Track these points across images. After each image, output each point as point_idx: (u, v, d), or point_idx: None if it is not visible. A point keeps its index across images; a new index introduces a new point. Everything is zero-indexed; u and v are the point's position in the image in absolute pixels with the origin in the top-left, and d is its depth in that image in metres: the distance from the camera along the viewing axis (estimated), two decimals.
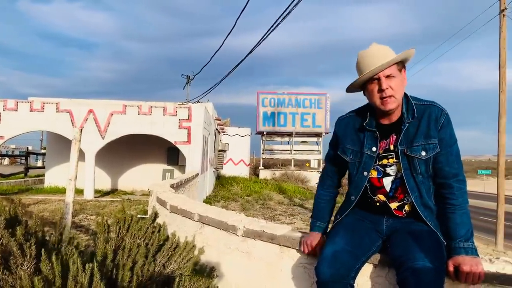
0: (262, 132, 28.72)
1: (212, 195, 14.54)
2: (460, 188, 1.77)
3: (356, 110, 2.04)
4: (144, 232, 2.59)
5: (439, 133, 1.79)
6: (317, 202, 2.16)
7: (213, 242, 2.76)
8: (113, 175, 16.05)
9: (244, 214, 2.89)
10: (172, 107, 13.23)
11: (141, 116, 13.03)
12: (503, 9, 14.04)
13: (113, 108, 13.05)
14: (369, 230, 1.90)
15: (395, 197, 1.89)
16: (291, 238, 2.25)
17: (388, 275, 1.89)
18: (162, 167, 16.38)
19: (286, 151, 29.39)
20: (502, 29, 14.04)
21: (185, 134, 13.05)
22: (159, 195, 3.85)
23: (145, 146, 15.64)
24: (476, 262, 1.62)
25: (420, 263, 1.56)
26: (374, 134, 1.91)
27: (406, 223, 1.85)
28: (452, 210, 1.75)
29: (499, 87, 13.96)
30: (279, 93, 29.24)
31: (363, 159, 1.93)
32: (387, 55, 1.78)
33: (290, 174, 25.80)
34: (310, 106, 28.74)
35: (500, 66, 14.03)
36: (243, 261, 2.51)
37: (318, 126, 28.64)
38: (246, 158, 26.67)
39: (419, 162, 1.80)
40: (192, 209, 3.04)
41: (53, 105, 13.06)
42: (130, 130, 13.04)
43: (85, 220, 8.67)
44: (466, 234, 1.69)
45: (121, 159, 15.81)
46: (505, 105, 13.78)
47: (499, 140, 13.47)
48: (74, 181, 3.48)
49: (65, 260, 2.03)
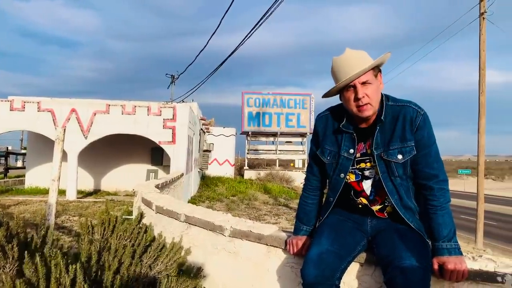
0: (247, 132, 28.72)
1: (197, 196, 14.46)
2: (441, 189, 1.77)
3: (334, 108, 2.00)
4: (130, 233, 2.56)
5: (415, 135, 1.77)
6: (303, 205, 2.13)
7: (200, 243, 2.75)
8: (96, 175, 15.83)
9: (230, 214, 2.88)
10: (157, 107, 13.11)
11: (125, 116, 12.89)
12: (483, 12, 14.33)
13: (96, 107, 12.87)
14: (353, 230, 1.90)
15: (376, 201, 1.89)
16: (278, 238, 2.26)
17: (374, 273, 1.91)
18: (146, 167, 16.23)
19: (271, 151, 29.46)
20: (482, 31, 14.34)
21: (170, 134, 12.95)
22: (144, 195, 3.82)
23: (128, 146, 15.46)
24: (460, 260, 1.65)
25: (407, 262, 1.58)
26: (351, 136, 1.90)
27: (390, 223, 1.86)
28: (434, 211, 1.75)
29: (479, 89, 14.25)
30: (264, 93, 29.29)
31: (339, 161, 1.91)
32: (362, 61, 1.75)
33: (275, 174, 25.87)
34: (295, 106, 28.87)
35: (480, 68, 14.32)
36: (230, 261, 2.51)
37: (303, 126, 28.79)
38: (231, 158, 26.62)
39: (396, 165, 1.79)
40: (178, 209, 3.02)
41: (34, 104, 12.81)
42: (114, 130, 12.89)
43: (68, 221, 8.53)
44: (449, 234, 1.71)
45: (104, 159, 15.61)
46: (484, 106, 14.08)
47: (479, 141, 13.75)
48: (58, 181, 3.42)
49: (49, 262, 2.00)
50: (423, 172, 1.79)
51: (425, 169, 1.79)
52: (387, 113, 1.81)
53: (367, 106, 1.76)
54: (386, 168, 1.82)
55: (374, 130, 1.84)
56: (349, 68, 1.73)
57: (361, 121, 1.87)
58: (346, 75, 1.74)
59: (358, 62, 1.74)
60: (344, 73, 1.75)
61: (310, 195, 2.12)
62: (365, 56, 1.78)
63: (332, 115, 1.98)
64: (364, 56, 1.78)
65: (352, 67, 1.73)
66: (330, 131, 1.97)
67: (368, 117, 1.82)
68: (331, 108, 2.02)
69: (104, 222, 2.77)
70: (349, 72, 1.73)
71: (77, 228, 7.66)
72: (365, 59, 1.77)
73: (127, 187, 15.67)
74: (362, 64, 1.74)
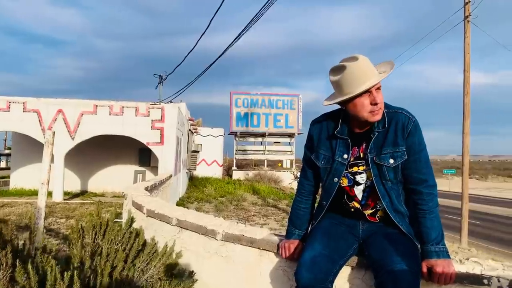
0: (235, 133, 28.70)
1: (186, 197, 14.42)
2: (430, 193, 1.82)
3: (329, 114, 2.04)
4: (122, 237, 2.56)
5: (406, 141, 1.83)
6: (296, 209, 2.16)
7: (192, 247, 2.77)
8: (83, 176, 15.67)
9: (218, 215, 2.91)
10: (145, 107, 13.04)
11: (112, 117, 12.79)
12: (467, 16, 14.61)
13: (83, 108, 12.74)
14: (345, 234, 1.95)
15: (368, 205, 1.94)
16: (271, 241, 2.29)
17: (365, 277, 1.95)
18: (134, 168, 16.14)
19: (259, 152, 29.50)
20: (467, 34, 14.62)
21: (158, 135, 12.90)
22: (134, 199, 3.81)
23: (116, 147, 15.35)
24: (448, 263, 1.70)
25: (398, 266, 1.63)
26: (346, 141, 1.94)
27: (381, 227, 1.92)
28: (423, 215, 1.81)
29: (463, 90, 14.52)
30: (252, 94, 29.30)
31: (333, 166, 1.96)
32: (373, 68, 1.81)
33: (263, 174, 25.91)
34: (283, 107, 28.97)
35: (464, 70, 14.59)
36: (223, 265, 2.53)
37: (291, 126, 28.91)
38: (219, 159, 26.61)
39: (388, 169, 1.85)
40: (169, 213, 3.03)
41: (19, 105, 12.62)
42: (101, 131, 12.78)
43: (55, 224, 8.43)
44: (437, 237, 1.76)
45: (91, 160, 15.47)
46: (469, 107, 14.35)
47: (464, 141, 14.01)
48: (47, 185, 3.39)
49: (42, 268, 2.00)
50: (413, 177, 1.85)
51: (415, 173, 1.84)
52: (383, 120, 1.87)
53: (379, 111, 1.82)
54: (378, 171, 1.87)
55: (368, 135, 1.89)
56: (369, 74, 1.78)
57: (358, 125, 1.92)
58: (368, 80, 1.77)
59: (373, 69, 1.81)
60: (366, 78, 1.78)
61: (304, 199, 2.15)
62: (371, 64, 1.84)
63: (327, 121, 2.02)
64: (371, 63, 1.83)
65: (370, 73, 1.78)
66: (324, 137, 2.01)
67: (375, 121, 1.86)
68: (326, 114, 2.07)
69: (95, 226, 2.77)
70: (370, 77, 1.77)
71: (64, 231, 7.59)
72: (373, 66, 1.83)
73: (115, 188, 15.55)
74: (375, 71, 1.81)
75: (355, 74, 1.78)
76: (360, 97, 1.81)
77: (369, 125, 1.89)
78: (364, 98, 1.81)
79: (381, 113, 1.84)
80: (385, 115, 1.87)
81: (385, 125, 1.86)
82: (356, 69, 1.79)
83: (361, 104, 1.82)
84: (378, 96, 1.80)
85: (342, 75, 1.81)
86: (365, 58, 1.82)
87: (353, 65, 1.79)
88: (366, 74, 1.78)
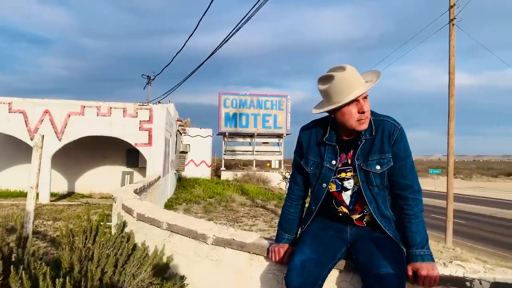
0: (224, 133, 28.69)
1: (174, 198, 14.38)
2: (415, 199, 1.90)
3: (318, 121, 2.10)
4: (113, 242, 2.57)
5: (392, 148, 1.90)
6: (286, 214, 2.21)
7: (182, 251, 2.79)
8: (70, 177, 15.51)
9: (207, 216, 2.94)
10: (133, 108, 12.97)
11: (100, 117, 12.69)
12: (453, 19, 14.86)
13: (71, 108, 12.61)
14: (333, 239, 2.00)
15: (355, 210, 2.00)
16: (261, 246, 2.33)
17: (352, 280, 2.01)
18: (122, 169, 16.03)
19: (248, 152, 29.54)
20: (452, 37, 14.86)
21: (146, 136, 12.84)
22: (124, 202, 3.81)
23: (103, 147, 15.23)
24: (432, 266, 1.77)
25: (384, 270, 1.69)
26: (334, 148, 2.00)
27: (368, 232, 1.98)
28: (408, 220, 1.88)
29: (448, 92, 14.77)
30: (241, 94, 29.34)
31: (322, 171, 2.01)
32: (360, 77, 1.87)
33: (252, 175, 25.95)
34: (272, 107, 29.07)
35: (449, 72, 14.84)
36: (213, 269, 2.56)
37: (279, 127, 29.03)
38: (207, 159, 26.56)
39: (374, 175, 1.91)
40: (160, 217, 3.05)
41: (5, 105, 12.44)
42: (89, 132, 12.67)
43: (42, 226, 8.34)
44: (422, 241, 1.83)
45: (78, 161, 15.33)
46: (453, 109, 14.60)
47: (449, 142, 14.23)
48: (35, 189, 3.38)
49: (34, 275, 2.00)
50: (399, 182, 1.92)
51: (401, 179, 1.91)
52: (370, 127, 1.93)
53: (366, 120, 1.88)
54: (365, 177, 1.93)
55: (356, 142, 1.95)
56: (357, 84, 1.83)
57: (346, 132, 1.97)
58: (355, 89, 1.82)
59: (360, 78, 1.86)
60: (353, 87, 1.83)
61: (293, 204, 2.20)
62: (358, 73, 1.89)
63: (316, 128, 2.08)
64: (358, 73, 1.89)
65: (357, 83, 1.83)
66: (314, 143, 2.06)
67: (357, 134, 1.92)
68: (316, 121, 2.12)
69: (86, 230, 2.78)
70: (357, 87, 1.83)
71: (52, 233, 7.52)
72: (360, 76, 1.88)
73: (102, 189, 15.42)
74: (362, 80, 1.86)
75: (343, 83, 1.83)
76: (348, 106, 1.86)
77: (357, 132, 1.94)
78: (352, 107, 1.86)
79: (368, 122, 1.90)
80: (372, 123, 1.93)
81: (372, 133, 1.92)
82: (343, 79, 1.83)
83: (349, 113, 1.87)
84: (365, 105, 1.85)
85: (330, 84, 1.86)
86: (352, 68, 1.88)
87: (340, 75, 1.84)
88: (353, 84, 1.83)
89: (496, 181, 60.88)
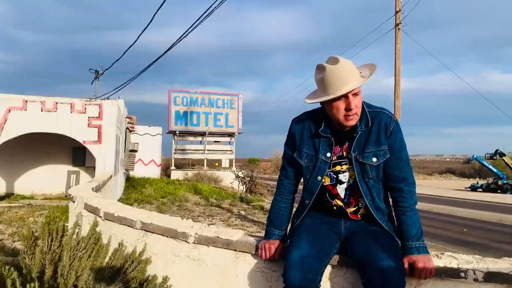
0: (174, 132, 28.09)
1: (124, 198, 13.82)
2: (410, 191, 1.91)
3: (310, 113, 2.05)
4: (86, 244, 2.38)
5: (388, 140, 1.89)
6: (275, 209, 2.14)
7: (159, 251, 2.65)
8: (9, 177, 14.40)
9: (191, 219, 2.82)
10: (81, 104, 12.27)
11: (45, 113, 11.84)
12: (398, 23, 15.59)
13: (11, 103, 11.64)
14: (328, 233, 1.97)
15: (350, 203, 1.98)
16: (248, 243, 2.25)
17: (346, 274, 1.99)
18: (67, 169, 15.15)
19: (199, 151, 29.16)
20: (397, 41, 15.58)
21: (96, 133, 12.20)
22: (88, 201, 3.56)
23: (47, 145, 14.28)
24: (428, 258, 1.79)
25: (385, 263, 1.68)
26: (329, 140, 1.97)
27: (363, 225, 1.97)
28: (403, 212, 1.89)
29: (394, 93, 15.47)
30: (191, 92, 28.87)
31: (317, 164, 1.97)
32: (355, 72, 1.82)
33: (203, 174, 25.66)
34: (223, 106, 28.90)
35: (395, 75, 15.55)
36: (195, 269, 2.45)
37: (231, 126, 28.93)
38: (157, 158, 25.84)
39: (371, 168, 1.90)
40: (132, 216, 2.88)
41: None
42: (32, 128, 11.77)
43: None
44: (417, 233, 1.85)
45: (19, 160, 14.27)
46: (399, 109, 15.34)
47: None
48: None
49: None
50: (394, 175, 1.92)
51: (396, 172, 1.92)
52: (366, 119, 1.91)
53: (354, 116, 1.85)
54: (361, 170, 1.91)
55: (351, 134, 1.92)
56: (348, 78, 1.78)
57: (338, 126, 1.93)
58: (344, 85, 1.78)
59: (353, 73, 1.81)
60: (342, 83, 1.78)
61: (284, 198, 2.14)
62: (355, 67, 1.85)
63: (309, 119, 2.03)
64: (354, 66, 1.85)
65: (350, 78, 1.78)
66: (307, 135, 2.01)
67: (352, 126, 1.90)
68: (308, 113, 2.07)
69: (51, 232, 2.55)
70: (347, 83, 1.78)
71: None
72: (355, 70, 1.84)
73: (45, 190, 14.50)
74: (356, 75, 1.82)
75: (333, 77, 1.80)
76: (337, 101, 1.83)
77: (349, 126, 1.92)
78: (340, 102, 1.83)
79: (356, 118, 1.87)
80: (367, 114, 1.91)
81: (368, 124, 1.90)
82: (334, 72, 1.80)
83: (336, 108, 1.85)
84: (353, 102, 1.81)
85: (322, 75, 1.83)
86: (346, 61, 1.84)
87: (332, 68, 1.80)
88: (344, 79, 1.79)
89: (431, 178, 64.84)
